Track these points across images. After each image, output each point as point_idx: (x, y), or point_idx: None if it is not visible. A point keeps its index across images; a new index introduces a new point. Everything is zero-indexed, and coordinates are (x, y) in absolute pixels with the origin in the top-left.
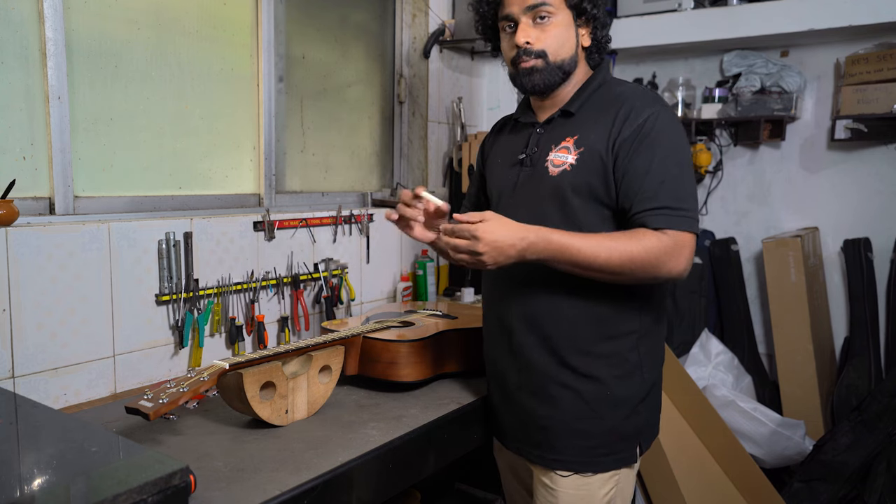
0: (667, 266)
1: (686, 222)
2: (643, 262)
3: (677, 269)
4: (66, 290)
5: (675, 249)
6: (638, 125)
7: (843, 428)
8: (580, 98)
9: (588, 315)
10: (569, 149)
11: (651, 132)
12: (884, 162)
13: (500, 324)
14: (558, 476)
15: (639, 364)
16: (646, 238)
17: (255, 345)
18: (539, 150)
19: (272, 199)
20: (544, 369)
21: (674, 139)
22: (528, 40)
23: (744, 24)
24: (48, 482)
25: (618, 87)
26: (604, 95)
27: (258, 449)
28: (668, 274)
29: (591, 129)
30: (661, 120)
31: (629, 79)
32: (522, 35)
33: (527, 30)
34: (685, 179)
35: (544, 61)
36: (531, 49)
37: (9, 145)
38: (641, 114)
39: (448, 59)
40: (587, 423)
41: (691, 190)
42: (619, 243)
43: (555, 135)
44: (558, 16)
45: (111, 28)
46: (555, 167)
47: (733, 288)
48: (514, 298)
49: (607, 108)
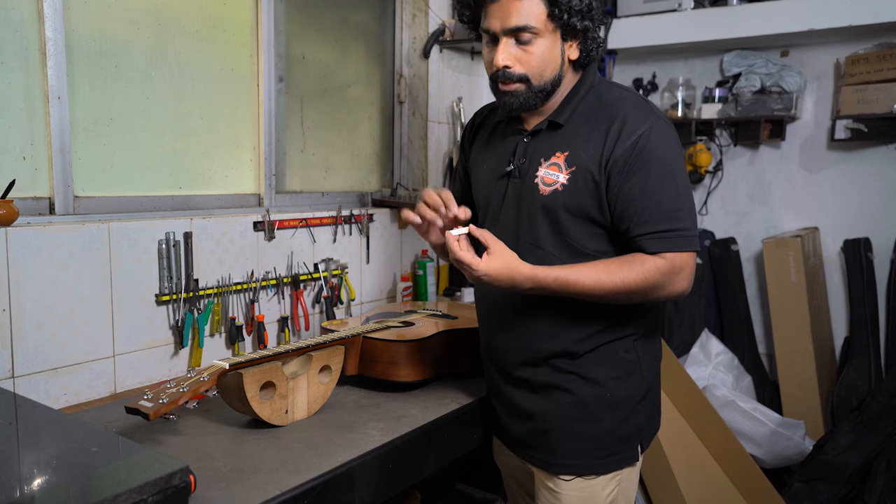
0: (666, 289)
1: (684, 242)
2: (641, 289)
3: (677, 290)
4: (66, 290)
5: (674, 272)
6: (631, 144)
7: (843, 428)
8: (569, 107)
9: (585, 318)
10: (559, 166)
11: (644, 150)
12: (884, 162)
13: (497, 328)
14: (561, 480)
15: (637, 364)
16: (644, 265)
17: (255, 345)
18: (528, 162)
19: (272, 199)
20: (541, 374)
21: (668, 155)
22: (507, 64)
23: (744, 24)
24: (48, 482)
25: (608, 94)
26: (593, 103)
27: (258, 449)
28: (669, 295)
29: (583, 146)
30: (655, 136)
31: (629, 79)
32: (502, 57)
33: (507, 50)
34: (681, 197)
35: (526, 86)
36: (511, 74)
37: (9, 145)
38: (635, 131)
39: (448, 59)
40: (587, 426)
41: (688, 206)
42: (615, 273)
43: (544, 147)
44: (542, 37)
45: (111, 28)
46: (546, 185)
47: (733, 288)
48: (509, 301)
49: (598, 121)
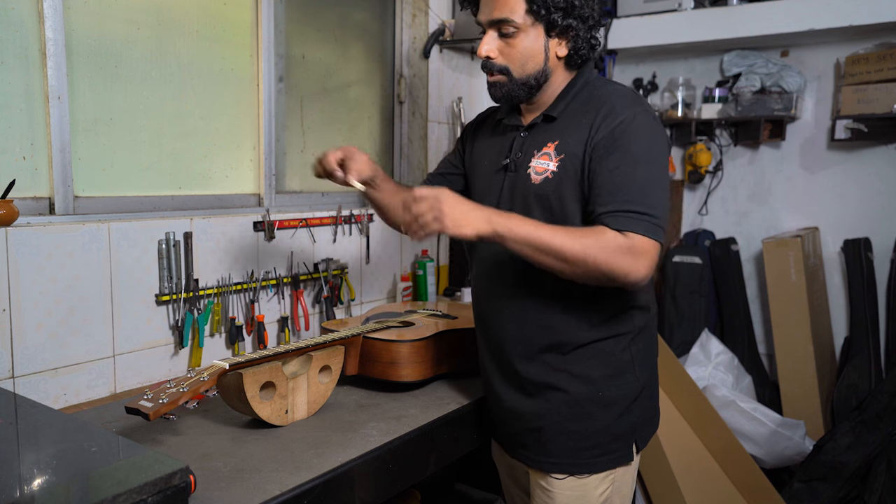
0: (622, 268)
1: (649, 228)
2: (596, 258)
3: (635, 274)
4: (66, 290)
5: (633, 253)
6: (612, 128)
7: (843, 428)
8: (563, 102)
9: (579, 316)
10: (550, 155)
11: (623, 134)
12: (884, 162)
13: (490, 327)
14: (554, 478)
15: (630, 363)
16: (603, 235)
17: (255, 345)
18: (522, 156)
19: (272, 199)
20: (534, 372)
21: (647, 144)
22: (489, 55)
23: (744, 24)
24: (48, 482)
25: (601, 89)
26: (586, 98)
27: (258, 449)
28: (625, 277)
29: (571, 134)
30: (637, 124)
31: (629, 79)
32: (485, 47)
33: (490, 42)
34: (655, 185)
35: (507, 77)
36: (493, 64)
37: (9, 145)
38: (618, 116)
39: (448, 59)
40: (579, 424)
41: (661, 197)
42: (575, 234)
43: (537, 140)
44: (524, 31)
45: (111, 28)
46: (537, 174)
47: (733, 288)
48: (503, 301)
49: (588, 110)
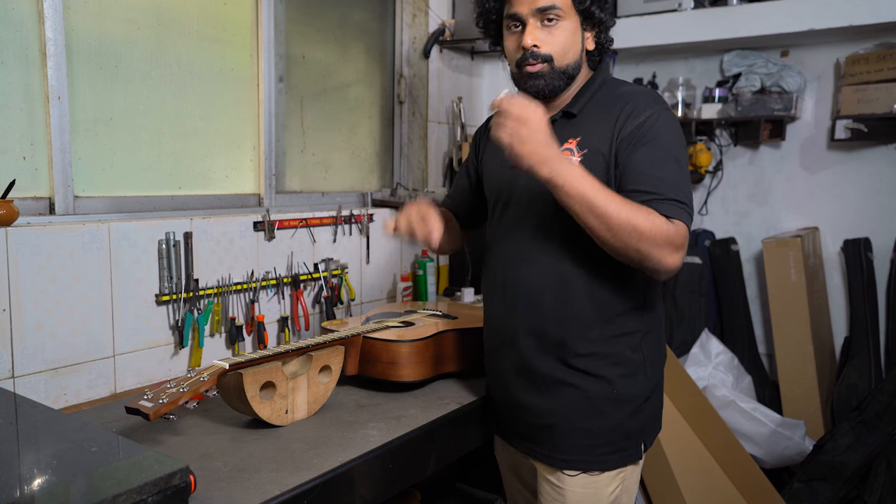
0: (662, 252)
1: (688, 217)
2: (642, 234)
3: (672, 261)
4: (66, 290)
5: (676, 240)
6: (639, 123)
7: (843, 428)
8: (582, 99)
9: (592, 314)
10: (572, 150)
11: (651, 130)
12: (884, 162)
13: (503, 325)
14: (565, 475)
15: (643, 363)
16: (656, 216)
17: (255, 345)
18: None
19: (272, 199)
20: (548, 369)
21: (674, 140)
22: (535, 43)
23: (744, 24)
24: (48, 482)
25: (620, 88)
26: (605, 96)
27: (258, 449)
28: (660, 261)
29: (594, 130)
30: (662, 120)
31: (629, 79)
32: (530, 37)
33: (535, 32)
34: (684, 177)
35: (550, 66)
36: (538, 52)
37: (9, 145)
38: (643, 112)
39: (448, 59)
40: (592, 422)
41: (689, 190)
42: (630, 206)
43: (558, 136)
44: (566, 20)
45: (111, 28)
46: None
47: (733, 288)
48: (517, 299)
49: (610, 107)
